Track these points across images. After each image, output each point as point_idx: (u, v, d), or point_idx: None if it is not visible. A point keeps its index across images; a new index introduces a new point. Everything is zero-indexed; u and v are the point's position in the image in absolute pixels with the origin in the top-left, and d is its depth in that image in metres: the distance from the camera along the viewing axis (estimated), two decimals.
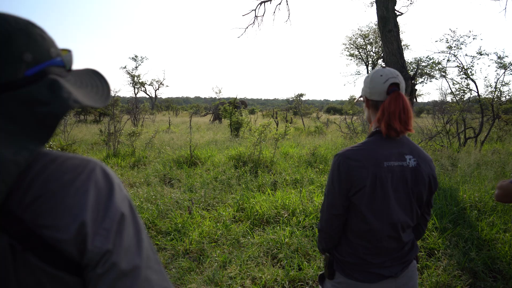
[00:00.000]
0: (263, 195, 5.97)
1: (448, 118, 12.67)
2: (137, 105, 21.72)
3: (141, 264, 0.75)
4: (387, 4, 8.09)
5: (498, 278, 3.63)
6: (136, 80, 54.75)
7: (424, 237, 4.45)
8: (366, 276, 1.62)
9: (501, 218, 4.86)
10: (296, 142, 12.91)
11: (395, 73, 1.63)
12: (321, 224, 1.71)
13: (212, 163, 8.76)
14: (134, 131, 10.95)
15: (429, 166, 1.65)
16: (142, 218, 4.96)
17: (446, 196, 5.72)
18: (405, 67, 8.04)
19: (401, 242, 1.65)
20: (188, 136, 11.33)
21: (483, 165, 8.16)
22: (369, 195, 1.55)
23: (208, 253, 4.09)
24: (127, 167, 8.60)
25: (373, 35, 33.07)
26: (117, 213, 0.75)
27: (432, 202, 1.78)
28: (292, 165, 8.58)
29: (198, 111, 41.36)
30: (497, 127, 14.86)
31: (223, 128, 19.22)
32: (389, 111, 1.55)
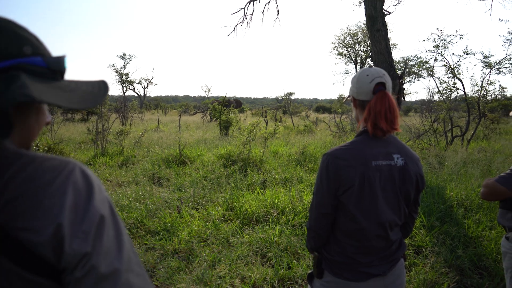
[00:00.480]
0: (253, 194, 5.97)
1: (436, 117, 12.80)
2: (125, 103, 21.51)
3: (122, 267, 0.74)
4: (375, 3, 8.14)
5: (484, 275, 3.68)
6: (124, 79, 54.26)
7: (412, 235, 4.49)
8: (354, 275, 1.63)
9: (487, 215, 4.93)
10: (286, 141, 12.93)
11: (381, 73, 1.64)
12: (310, 223, 1.72)
13: (201, 162, 8.73)
14: (123, 130, 10.85)
15: (416, 165, 1.67)
16: (131, 217, 4.93)
17: (433, 194, 5.78)
18: (393, 66, 8.10)
19: (389, 241, 1.66)
20: (177, 135, 11.28)
21: (469, 163, 8.27)
22: (358, 194, 1.56)
23: (197, 253, 4.07)
24: (116, 166, 8.52)
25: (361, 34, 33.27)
26: (97, 215, 0.74)
27: (419, 200, 1.79)
28: (281, 164, 8.59)
29: (188, 110, 41.17)
30: (483, 125, 15.07)
31: (213, 127, 19.17)
32: (375, 110, 1.56)
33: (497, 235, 4.29)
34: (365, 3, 8.39)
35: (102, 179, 7.30)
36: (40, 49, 0.79)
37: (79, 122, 20.87)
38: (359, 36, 33.83)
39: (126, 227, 4.71)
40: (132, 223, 4.82)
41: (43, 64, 0.77)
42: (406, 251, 4.12)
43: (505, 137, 14.71)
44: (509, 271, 2.28)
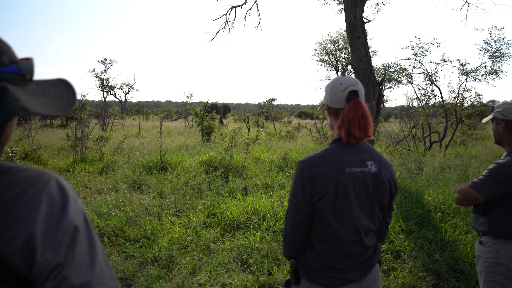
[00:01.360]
0: (234, 200, 5.96)
1: (414, 123, 13.05)
2: (106, 109, 21.28)
3: (94, 279, 0.73)
4: (355, 11, 8.26)
5: (461, 278, 3.75)
6: (105, 84, 53.59)
7: (391, 240, 4.56)
8: (330, 282, 1.64)
9: (463, 220, 5.04)
10: (268, 146, 12.97)
11: (354, 81, 1.67)
12: (286, 231, 1.73)
13: (182, 168, 8.68)
14: (103, 136, 10.72)
15: (389, 171, 1.70)
16: (110, 225, 4.86)
17: (412, 199, 5.88)
18: (372, 73, 8.22)
19: (364, 246, 1.68)
20: (159, 140, 11.20)
21: (447, 169, 8.44)
22: (332, 201, 1.58)
23: (178, 260, 4.04)
24: (95, 173, 8.40)
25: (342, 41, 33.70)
26: (70, 226, 0.73)
27: (393, 205, 1.83)
28: (263, 169, 8.61)
29: (169, 115, 40.89)
30: (461, 131, 15.42)
31: (195, 132, 19.09)
32: (349, 118, 1.59)
33: (473, 239, 4.39)
34: (345, 11, 8.50)
35: (81, 186, 7.18)
36: (14, 56, 0.79)
37: (58, 128, 20.50)
38: (340, 43, 34.26)
39: (105, 235, 4.65)
40: (111, 231, 4.75)
41: (18, 72, 0.77)
42: (385, 256, 4.17)
43: (482, 143, 15.06)
44: (482, 274, 2.34)
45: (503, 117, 2.30)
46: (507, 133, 2.31)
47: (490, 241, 2.29)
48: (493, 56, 12.16)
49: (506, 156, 2.27)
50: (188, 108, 33.05)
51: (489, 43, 12.19)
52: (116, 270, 3.81)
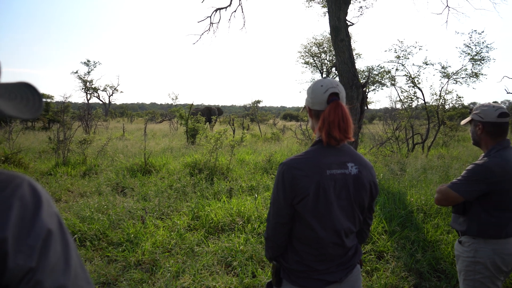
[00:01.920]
0: (219, 202, 5.95)
1: (398, 125, 13.22)
2: (89, 111, 21.00)
3: (68, 283, 0.72)
4: (338, 14, 8.34)
5: (442, 277, 3.81)
6: (88, 86, 52.94)
7: (374, 241, 4.60)
8: (311, 283, 1.65)
9: (445, 220, 5.12)
10: (253, 148, 12.98)
11: (335, 83, 1.68)
12: (268, 233, 1.73)
13: (167, 170, 8.63)
14: (86, 139, 10.56)
15: (370, 173, 1.72)
16: (93, 229, 4.79)
17: (395, 200, 5.95)
18: (356, 75, 8.30)
19: (345, 247, 1.70)
20: (143, 143, 11.09)
21: (429, 170, 8.57)
22: (313, 203, 1.59)
23: (161, 264, 4.01)
24: (78, 176, 8.28)
25: (327, 44, 33.91)
26: (43, 230, 0.72)
27: (374, 207, 1.85)
28: (248, 172, 8.61)
29: (154, 118, 40.57)
30: (443, 133, 15.68)
31: (180, 135, 18.99)
32: (329, 120, 1.60)
33: (454, 239, 4.46)
34: (329, 14, 8.58)
35: (63, 190, 7.07)
36: None
37: (40, 131, 20.14)
38: (325, 46, 34.47)
39: (88, 239, 4.59)
40: (93, 235, 4.69)
41: None
42: (369, 257, 4.21)
43: (463, 144, 15.34)
44: (462, 273, 2.38)
45: (480, 119, 2.35)
46: (485, 135, 2.36)
47: (469, 241, 2.33)
48: (473, 59, 12.40)
49: (484, 157, 2.32)
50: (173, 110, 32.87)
51: (469, 47, 12.43)
52: (99, 274, 3.76)
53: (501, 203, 2.24)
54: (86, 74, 53.03)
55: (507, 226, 2.25)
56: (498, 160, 2.24)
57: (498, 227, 2.24)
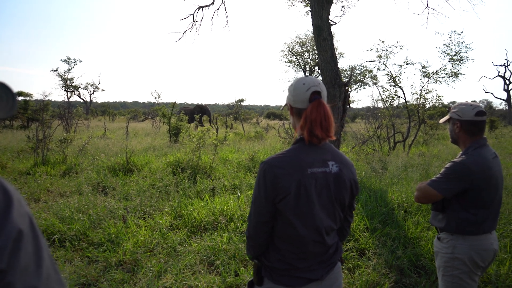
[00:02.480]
0: (202, 201, 5.92)
1: (379, 123, 13.38)
2: (69, 109, 20.61)
3: (39, 285, 0.71)
4: (321, 13, 8.38)
5: (422, 273, 3.87)
6: (69, 84, 52.03)
7: (356, 238, 4.65)
8: (293, 281, 1.65)
9: (425, 217, 5.20)
10: (236, 147, 12.96)
11: (317, 82, 1.69)
12: (249, 232, 1.73)
13: (149, 169, 8.54)
14: (66, 137, 10.36)
15: (350, 171, 1.73)
16: (73, 229, 4.71)
17: (376, 197, 6.02)
18: (338, 74, 8.36)
19: (326, 245, 1.70)
20: (125, 142, 10.97)
21: (409, 168, 8.70)
22: (294, 201, 1.59)
23: (143, 263, 3.97)
24: (57, 176, 8.13)
25: (310, 43, 34.07)
26: (14, 230, 0.70)
27: (354, 205, 1.87)
28: (231, 170, 8.60)
29: (136, 116, 40.14)
30: (423, 131, 15.93)
31: (162, 133, 18.83)
32: (311, 118, 1.60)
33: (433, 236, 4.54)
34: (312, 13, 8.61)
35: (42, 190, 6.93)
36: None
37: (18, 129, 19.69)
38: (308, 45, 34.64)
39: (68, 239, 4.51)
40: (73, 235, 4.61)
41: None
42: (350, 254, 4.25)
43: (443, 142, 15.63)
44: (440, 269, 2.42)
45: (458, 118, 2.39)
46: (463, 133, 2.40)
47: (447, 237, 2.37)
48: (452, 59, 12.63)
49: (462, 155, 2.36)
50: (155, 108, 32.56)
51: (449, 47, 12.66)
52: (79, 275, 3.70)
53: (478, 201, 2.28)
54: (67, 72, 52.16)
55: (484, 223, 2.30)
56: (475, 158, 2.29)
57: (475, 224, 2.29)
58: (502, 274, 3.67)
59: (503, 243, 4.28)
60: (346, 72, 25.94)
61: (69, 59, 51.95)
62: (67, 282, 3.52)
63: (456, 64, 12.73)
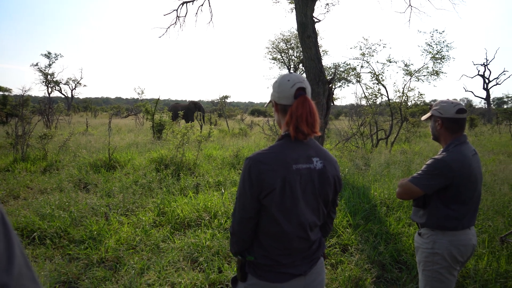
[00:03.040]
0: (185, 198, 5.89)
1: (363, 121, 13.50)
2: (50, 105, 20.22)
3: (11, 282, 0.68)
4: (305, 10, 8.40)
5: (403, 268, 3.93)
6: (49, 79, 51.06)
7: (339, 234, 4.69)
8: (277, 277, 1.66)
9: (406, 213, 5.28)
10: (220, 144, 12.93)
11: (302, 78, 1.70)
12: (233, 228, 1.72)
13: (132, 166, 8.45)
14: (46, 133, 10.16)
15: (334, 168, 1.74)
16: (53, 226, 4.63)
17: (359, 194, 6.08)
18: (323, 71, 8.39)
19: (309, 241, 1.71)
20: (107, 138, 10.82)
21: (392, 165, 8.81)
22: (279, 197, 1.59)
23: (125, 261, 3.93)
24: (38, 172, 7.98)
25: (294, 40, 34.12)
26: None
27: (338, 201, 1.88)
28: (215, 167, 8.57)
29: (119, 112, 39.65)
30: (405, 129, 16.14)
31: (145, 130, 18.65)
32: (297, 114, 1.61)
33: (414, 231, 4.61)
34: (296, 10, 8.62)
35: (22, 186, 6.79)
36: None
37: None
38: (292, 42, 34.69)
39: (48, 237, 4.43)
40: (54, 232, 4.53)
41: None
42: (334, 250, 4.29)
43: (424, 140, 15.87)
44: (421, 264, 2.46)
45: (440, 115, 2.43)
46: (444, 130, 2.44)
47: (428, 233, 2.41)
48: (434, 58, 12.81)
49: (443, 152, 2.40)
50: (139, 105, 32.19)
51: (431, 45, 12.83)
52: (59, 273, 3.64)
53: (458, 197, 2.32)
54: (47, 67, 51.20)
55: (464, 219, 2.34)
56: (455, 155, 2.32)
57: (455, 219, 2.33)
58: (480, 268, 3.75)
59: (482, 238, 4.38)
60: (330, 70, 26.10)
61: (50, 53, 51.06)
62: (47, 280, 3.47)
63: (438, 62, 12.91)
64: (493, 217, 5.04)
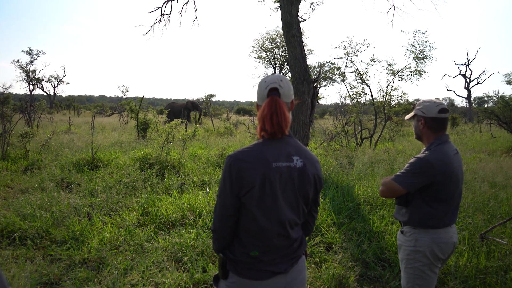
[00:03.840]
0: (170, 197, 5.85)
1: (347, 120, 13.62)
2: (32, 103, 19.85)
3: None
4: (290, 10, 8.41)
5: (386, 266, 3.98)
6: (31, 76, 50.13)
7: (323, 233, 4.72)
8: (258, 274, 1.68)
9: (389, 211, 5.35)
10: (205, 143, 12.88)
11: (278, 79, 1.73)
12: (214, 225, 1.75)
13: (116, 165, 8.35)
14: (28, 132, 9.98)
15: (314, 167, 1.77)
16: (34, 227, 4.55)
17: (343, 193, 6.13)
18: (307, 71, 8.43)
19: (290, 239, 1.73)
20: (90, 137, 10.68)
21: (375, 163, 8.91)
22: (259, 195, 1.62)
23: (109, 261, 3.88)
24: (19, 172, 7.83)
25: (280, 39, 34.19)
26: None
27: (319, 200, 1.90)
28: (200, 166, 8.53)
29: (103, 111, 39.15)
30: (389, 128, 16.35)
31: (130, 128, 18.47)
32: (263, 114, 1.66)
33: (397, 229, 4.66)
34: (281, 9, 8.63)
35: (2, 186, 6.66)
36: None
37: None
38: (278, 41, 34.74)
39: (29, 237, 4.35)
40: (35, 233, 4.45)
41: None
42: (318, 248, 4.31)
43: (408, 139, 16.08)
44: (403, 262, 2.49)
45: (423, 114, 2.46)
46: (427, 129, 2.47)
47: (410, 231, 2.44)
48: (417, 58, 13.00)
49: (425, 151, 2.43)
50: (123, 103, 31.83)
51: (413, 45, 13.01)
52: (41, 274, 3.58)
53: (439, 195, 2.36)
54: (29, 64, 50.25)
55: (445, 217, 2.38)
56: (437, 154, 2.36)
57: (436, 217, 2.37)
58: (461, 265, 3.82)
59: (462, 236, 4.46)
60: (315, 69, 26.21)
61: (32, 50, 50.10)
62: (28, 282, 3.41)
63: (420, 62, 13.10)
64: (473, 215, 5.14)
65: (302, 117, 8.07)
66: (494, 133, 17.98)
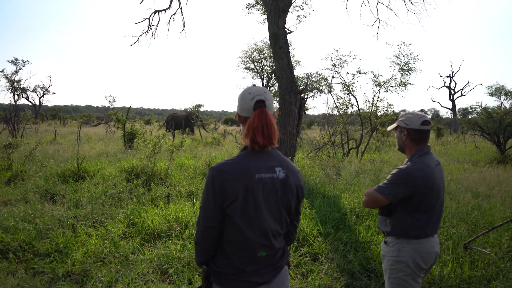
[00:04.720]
0: (156, 208, 5.81)
1: (334, 130, 13.72)
2: (16, 113, 19.60)
3: None
4: (277, 22, 8.52)
5: (372, 276, 4.00)
6: (16, 86, 49.53)
7: (310, 243, 4.73)
8: (241, 285, 1.69)
9: (375, 221, 5.38)
10: (193, 153, 12.84)
11: (263, 91, 1.75)
12: (197, 237, 1.75)
13: (102, 176, 8.27)
14: (11, 142, 9.83)
15: (296, 177, 1.79)
16: (17, 239, 4.47)
17: (330, 203, 6.16)
18: (294, 82, 8.51)
19: (273, 249, 1.75)
20: (76, 147, 10.57)
21: (362, 173, 8.98)
22: (242, 206, 1.63)
23: (93, 274, 3.83)
24: (2, 183, 7.70)
25: (267, 50, 34.46)
26: None
27: (300, 210, 1.93)
28: (187, 177, 8.50)
29: (90, 121, 38.81)
30: (375, 138, 16.49)
31: (116, 139, 18.32)
32: (253, 126, 1.67)
33: (382, 239, 4.70)
34: (268, 21, 8.74)
35: None
36: None
37: None
38: (265, 52, 35.01)
39: (11, 250, 4.27)
40: (18, 246, 4.37)
41: None
42: (304, 259, 4.32)
43: (393, 149, 16.23)
44: (387, 272, 2.51)
45: (406, 126, 2.51)
46: (409, 141, 2.52)
47: (393, 241, 2.47)
48: (402, 70, 13.20)
49: (407, 162, 2.48)
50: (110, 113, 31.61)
51: (399, 58, 13.22)
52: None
53: (421, 206, 2.40)
54: (14, 74, 49.64)
55: (427, 227, 2.42)
56: (419, 165, 2.40)
57: (418, 228, 2.40)
58: (445, 275, 3.87)
59: (446, 245, 4.51)
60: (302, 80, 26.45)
61: (17, 60, 49.53)
62: None
63: (405, 74, 13.30)
64: (457, 225, 5.21)
65: (289, 128, 8.13)
66: (478, 144, 18.27)
